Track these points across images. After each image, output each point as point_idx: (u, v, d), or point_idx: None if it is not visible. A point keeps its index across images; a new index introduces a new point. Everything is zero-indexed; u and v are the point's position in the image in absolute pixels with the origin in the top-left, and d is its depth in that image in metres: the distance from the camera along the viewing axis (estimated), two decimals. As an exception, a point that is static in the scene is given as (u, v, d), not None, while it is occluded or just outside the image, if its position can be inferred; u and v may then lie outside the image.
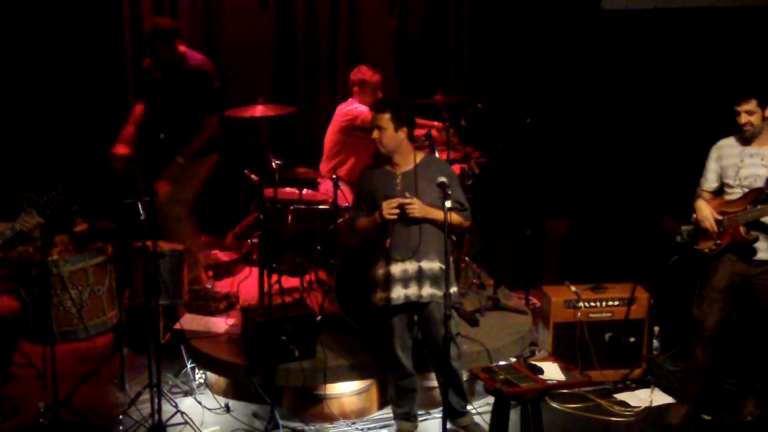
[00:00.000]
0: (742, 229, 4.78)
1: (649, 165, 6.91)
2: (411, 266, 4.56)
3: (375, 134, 4.61)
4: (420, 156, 4.68)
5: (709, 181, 4.99)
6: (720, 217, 4.85)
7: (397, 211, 4.49)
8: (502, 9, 7.12)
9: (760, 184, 4.77)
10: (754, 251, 4.81)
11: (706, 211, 4.89)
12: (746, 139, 4.85)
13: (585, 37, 7.07)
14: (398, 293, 4.57)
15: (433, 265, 4.57)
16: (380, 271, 4.64)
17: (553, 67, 7.09)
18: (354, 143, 6.23)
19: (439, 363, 4.59)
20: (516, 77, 7.14)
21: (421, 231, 4.55)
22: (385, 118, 4.57)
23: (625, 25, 7.05)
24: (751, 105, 4.75)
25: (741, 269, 4.85)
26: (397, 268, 4.57)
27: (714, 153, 4.98)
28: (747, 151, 4.84)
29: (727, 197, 4.91)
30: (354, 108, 6.22)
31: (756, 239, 4.78)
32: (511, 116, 6.57)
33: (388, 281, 4.58)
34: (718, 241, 4.85)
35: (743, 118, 4.77)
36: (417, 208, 4.49)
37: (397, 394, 4.81)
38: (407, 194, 4.52)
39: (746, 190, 4.81)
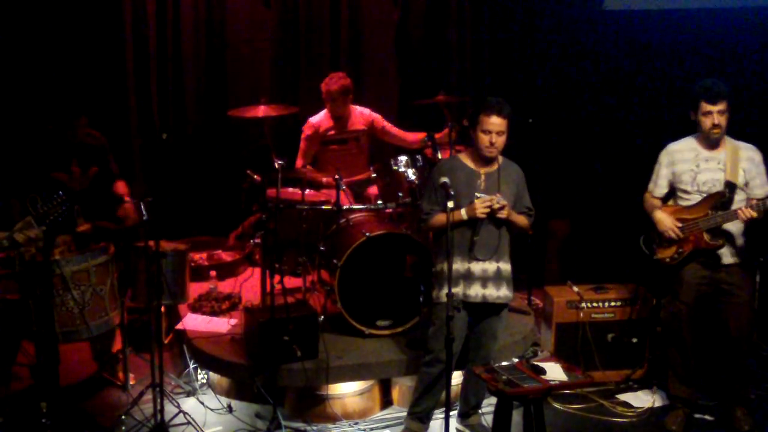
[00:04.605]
0: (706, 236, 4.71)
1: (651, 165, 6.88)
2: (491, 266, 4.61)
3: (495, 138, 4.53)
4: (501, 159, 4.69)
5: (660, 187, 4.92)
6: (680, 225, 4.78)
7: (489, 210, 4.50)
8: (505, 5, 7.11)
9: (719, 188, 4.71)
10: (719, 257, 4.75)
11: (668, 222, 4.82)
12: (706, 142, 4.75)
13: (587, 36, 7.06)
14: (476, 291, 4.61)
15: (507, 266, 4.67)
16: (455, 267, 4.56)
17: (555, 65, 7.08)
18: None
19: (482, 360, 4.70)
20: (518, 76, 7.12)
21: (500, 232, 4.61)
22: (506, 124, 4.55)
23: (627, 24, 7.05)
24: (723, 106, 4.66)
25: (708, 276, 4.79)
26: (477, 267, 4.60)
27: (665, 158, 4.90)
28: (702, 156, 4.77)
29: (683, 203, 4.83)
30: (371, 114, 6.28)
31: (722, 245, 4.71)
32: (513, 116, 6.55)
33: (466, 279, 4.60)
34: (681, 249, 4.79)
35: (716, 119, 4.66)
36: (507, 209, 4.52)
37: (423, 392, 4.77)
38: (499, 194, 4.53)
39: (704, 195, 4.74)
